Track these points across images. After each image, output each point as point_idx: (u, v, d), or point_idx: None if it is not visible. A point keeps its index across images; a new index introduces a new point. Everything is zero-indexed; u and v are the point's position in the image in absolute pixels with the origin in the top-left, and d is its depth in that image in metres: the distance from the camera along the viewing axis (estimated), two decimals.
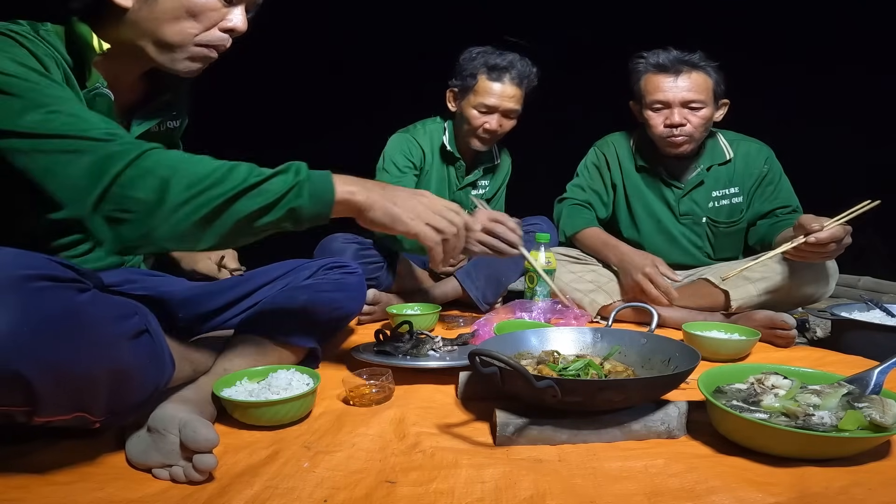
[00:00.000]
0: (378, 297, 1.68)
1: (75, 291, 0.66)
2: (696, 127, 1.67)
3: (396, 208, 0.88)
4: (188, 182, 0.76)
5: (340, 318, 1.22)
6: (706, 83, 1.66)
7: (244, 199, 0.78)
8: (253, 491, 0.71)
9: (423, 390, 1.09)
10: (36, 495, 0.70)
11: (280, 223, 0.82)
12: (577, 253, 1.86)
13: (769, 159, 1.77)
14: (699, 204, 1.78)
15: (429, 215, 0.91)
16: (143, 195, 0.75)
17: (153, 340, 0.77)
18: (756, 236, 1.74)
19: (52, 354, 0.62)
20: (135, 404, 0.76)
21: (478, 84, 1.74)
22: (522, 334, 1.13)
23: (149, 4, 0.89)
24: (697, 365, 0.90)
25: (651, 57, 1.69)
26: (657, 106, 1.69)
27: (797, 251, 1.40)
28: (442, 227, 0.91)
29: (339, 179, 0.86)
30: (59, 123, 0.76)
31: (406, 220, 0.88)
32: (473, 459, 0.79)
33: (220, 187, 0.77)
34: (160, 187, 0.75)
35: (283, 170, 0.82)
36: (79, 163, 0.74)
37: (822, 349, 1.45)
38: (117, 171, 0.74)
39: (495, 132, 1.79)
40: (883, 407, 0.80)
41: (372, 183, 0.89)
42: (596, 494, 0.71)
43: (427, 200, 0.92)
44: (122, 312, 0.73)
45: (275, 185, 0.80)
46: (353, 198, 0.86)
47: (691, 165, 1.79)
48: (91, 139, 0.76)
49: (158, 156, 0.78)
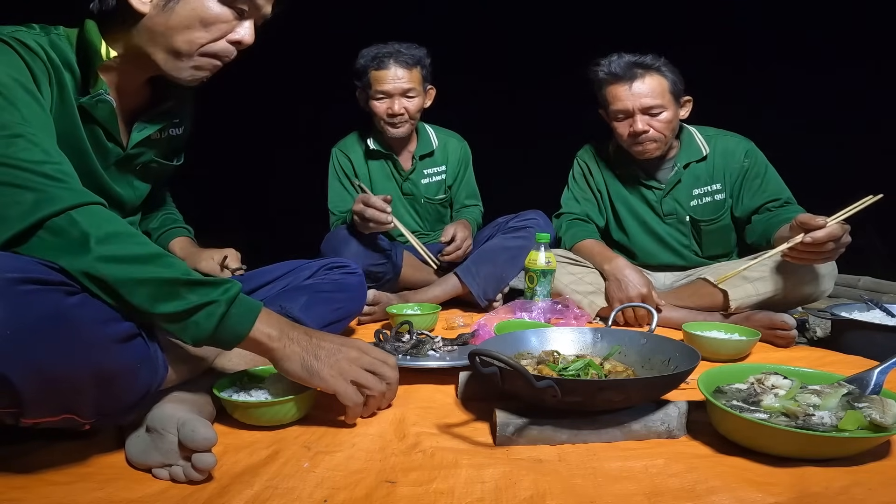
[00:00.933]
0: (378, 297, 1.68)
1: (63, 294, 0.66)
2: (659, 131, 1.68)
3: (317, 363, 0.85)
4: (108, 251, 0.71)
5: (340, 318, 1.22)
6: (661, 85, 1.66)
7: (153, 289, 0.73)
8: (253, 491, 0.71)
9: (423, 390, 1.09)
10: (36, 495, 0.70)
11: (173, 331, 0.77)
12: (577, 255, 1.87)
13: (749, 152, 1.76)
14: (681, 203, 1.79)
15: (354, 372, 0.87)
16: (61, 245, 0.70)
17: (146, 343, 0.77)
18: (754, 234, 1.72)
19: (38, 357, 0.62)
20: (126, 406, 0.76)
21: (369, 77, 1.88)
22: (522, 334, 1.13)
23: (165, 12, 0.90)
24: (697, 365, 0.90)
25: (605, 65, 1.71)
26: (619, 116, 1.71)
27: (794, 252, 1.39)
28: (367, 384, 0.88)
29: (264, 320, 0.82)
30: (17, 149, 0.73)
31: (326, 376, 0.85)
32: (473, 459, 0.79)
33: (136, 266, 0.73)
34: (77, 244, 0.70)
35: (214, 283, 0.78)
36: (21, 198, 0.71)
37: (822, 349, 1.45)
38: (50, 213, 0.71)
39: (401, 115, 1.89)
40: (883, 407, 0.80)
41: (301, 332, 0.86)
42: (596, 494, 0.71)
43: (355, 355, 0.89)
44: (113, 315, 0.73)
45: (193, 294, 0.75)
46: (266, 342, 0.82)
47: (668, 165, 1.81)
48: (42, 175, 0.73)
49: (98, 213, 0.74)
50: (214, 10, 0.91)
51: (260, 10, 0.98)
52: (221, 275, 1.34)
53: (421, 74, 1.91)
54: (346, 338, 0.92)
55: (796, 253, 1.39)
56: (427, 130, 2.10)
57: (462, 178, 2.13)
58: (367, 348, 0.91)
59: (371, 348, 0.92)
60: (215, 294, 0.77)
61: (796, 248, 1.37)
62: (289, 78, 3.25)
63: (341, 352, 0.87)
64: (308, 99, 3.35)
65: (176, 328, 0.76)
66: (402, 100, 1.88)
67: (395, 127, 1.91)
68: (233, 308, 0.78)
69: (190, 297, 0.75)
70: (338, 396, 0.86)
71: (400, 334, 1.25)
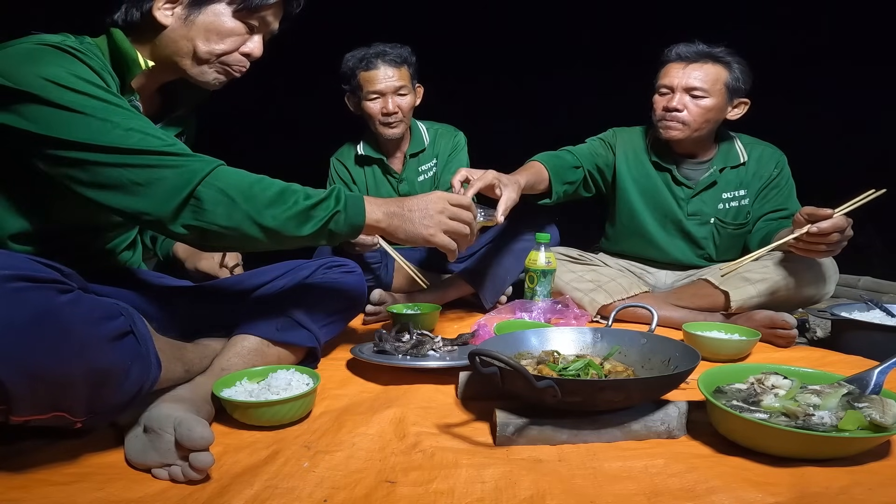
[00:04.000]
0: (384, 297, 1.68)
1: (55, 292, 0.66)
2: (693, 115, 1.65)
3: (415, 228, 1.02)
4: (253, 206, 0.88)
5: (340, 317, 1.22)
6: (719, 75, 1.64)
7: (294, 221, 0.91)
8: (253, 491, 0.71)
9: (423, 390, 1.09)
10: (36, 495, 0.70)
11: (317, 241, 0.96)
12: (578, 253, 1.86)
13: (780, 163, 1.75)
14: (708, 204, 1.77)
15: (445, 223, 1.04)
16: (214, 209, 0.86)
17: (138, 342, 0.77)
18: (754, 241, 1.72)
19: (27, 354, 0.62)
20: (118, 405, 0.76)
21: (359, 79, 1.88)
22: (522, 334, 1.13)
23: (186, 24, 0.99)
24: (697, 365, 0.90)
25: (675, 48, 1.71)
26: (663, 90, 1.70)
27: (800, 243, 1.37)
28: (456, 231, 1.05)
29: (369, 206, 0.99)
30: (137, 139, 0.84)
31: (426, 236, 1.03)
32: (473, 459, 0.79)
33: (276, 209, 0.90)
34: (228, 205, 0.87)
35: (327, 196, 0.95)
36: (163, 177, 0.84)
37: (822, 349, 1.45)
38: (194, 186, 0.85)
39: (395, 113, 1.89)
40: (883, 407, 0.80)
41: (394, 206, 1.03)
42: (596, 494, 0.71)
43: (441, 206, 1.05)
44: (106, 313, 0.73)
45: (319, 211, 0.93)
46: (378, 225, 1.01)
47: (704, 166, 1.78)
48: (169, 154, 0.85)
49: (226, 174, 0.89)
50: (228, 24, 1.01)
51: (269, 26, 1.06)
52: (220, 273, 1.35)
53: (409, 72, 1.91)
54: (427, 194, 1.06)
55: (802, 244, 1.38)
56: (419, 127, 2.08)
57: (451, 162, 2.06)
58: (446, 197, 1.06)
59: (447, 195, 1.07)
60: (334, 205, 0.95)
61: (802, 238, 1.37)
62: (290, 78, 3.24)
63: (429, 209, 1.04)
64: (309, 98, 3.35)
65: (318, 238, 0.95)
66: (396, 97, 1.89)
67: (390, 127, 1.91)
68: (348, 209, 0.96)
69: (319, 214, 0.93)
70: (439, 248, 1.05)
71: (400, 334, 1.25)
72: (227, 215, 0.87)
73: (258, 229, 0.89)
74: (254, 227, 0.88)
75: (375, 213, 1.00)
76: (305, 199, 0.92)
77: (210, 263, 1.38)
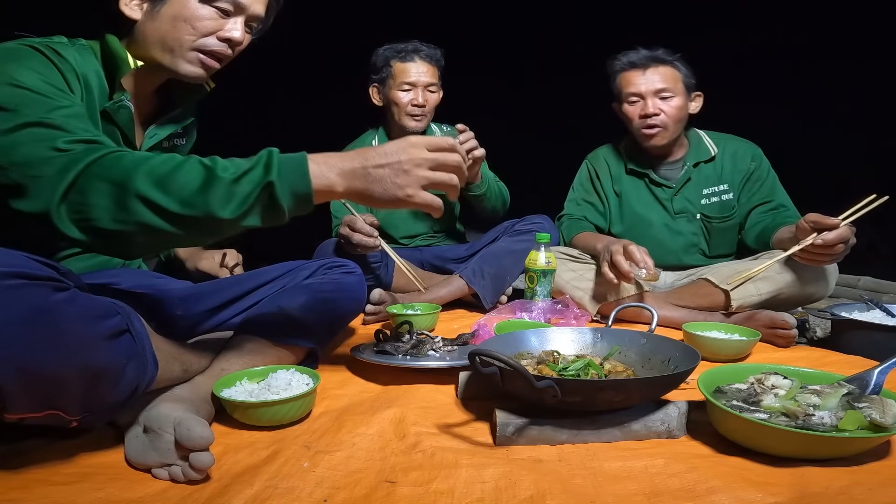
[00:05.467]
0: (384, 296, 1.68)
1: (51, 290, 0.65)
2: (669, 116, 1.73)
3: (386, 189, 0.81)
4: (148, 189, 0.74)
5: (340, 317, 1.22)
6: (675, 75, 1.75)
7: (210, 202, 0.75)
8: (253, 491, 0.71)
9: (423, 390, 1.09)
10: (36, 495, 0.70)
11: (251, 221, 0.78)
12: (578, 252, 1.86)
13: (756, 156, 1.81)
14: (691, 201, 1.83)
15: (425, 177, 0.82)
16: (96, 201, 0.75)
17: (134, 341, 0.77)
18: (750, 237, 1.76)
19: (22, 352, 0.62)
20: (114, 404, 0.76)
21: (394, 69, 1.92)
22: (522, 334, 1.13)
23: (152, 15, 0.99)
24: (697, 365, 0.90)
25: (622, 57, 1.79)
26: (632, 99, 1.76)
27: (805, 253, 1.40)
28: (440, 181, 0.84)
29: (317, 167, 0.79)
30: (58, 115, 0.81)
31: (402, 197, 0.81)
32: (473, 459, 0.79)
33: (182, 190, 0.74)
34: (112, 194, 0.74)
35: (252, 166, 0.77)
36: (46, 171, 0.76)
37: (822, 349, 1.45)
38: (74, 176, 0.75)
39: (423, 106, 1.94)
40: (883, 407, 0.80)
41: (355, 162, 0.80)
42: (596, 494, 0.71)
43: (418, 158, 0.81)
44: (103, 312, 0.72)
45: (244, 185, 0.76)
46: (333, 190, 0.80)
47: (677, 164, 1.85)
48: (61, 150, 0.77)
49: (117, 160, 0.77)
50: (197, 10, 0.98)
51: (245, 9, 1.03)
52: (220, 273, 1.35)
53: (439, 73, 1.97)
54: (399, 141, 0.83)
55: (807, 254, 1.41)
56: (432, 129, 2.11)
57: None
58: (425, 143, 0.83)
59: (425, 139, 0.84)
60: (262, 175, 0.76)
61: (807, 248, 1.39)
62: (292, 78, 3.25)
63: (402, 163, 0.81)
64: (311, 98, 3.35)
65: (250, 219, 0.77)
66: (426, 92, 1.94)
67: (415, 119, 1.94)
68: (285, 176, 0.77)
69: (243, 189, 0.75)
70: (421, 209, 0.84)
71: (400, 334, 1.25)
72: (114, 206, 0.74)
73: (160, 218, 0.74)
74: (153, 216, 0.74)
75: (328, 176, 0.79)
76: (223, 172, 0.76)
77: (210, 263, 1.38)
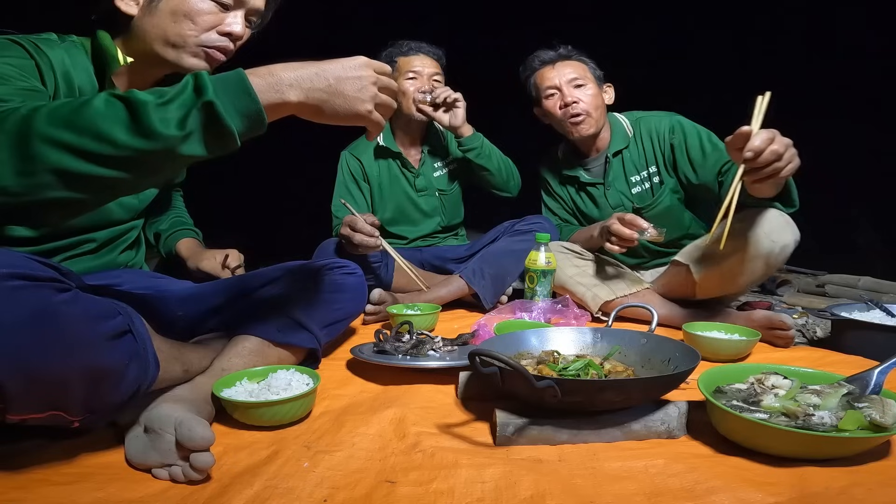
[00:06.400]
0: (384, 296, 1.69)
1: (53, 291, 0.65)
2: (588, 104, 1.77)
3: (348, 103, 0.78)
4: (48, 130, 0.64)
5: (340, 318, 1.22)
6: (583, 67, 1.83)
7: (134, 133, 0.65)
8: (253, 491, 0.71)
9: (423, 390, 1.09)
10: (36, 495, 0.70)
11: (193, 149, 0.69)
12: (581, 248, 1.86)
13: (674, 126, 1.73)
14: (623, 193, 1.83)
15: (377, 96, 0.81)
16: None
17: (135, 341, 0.77)
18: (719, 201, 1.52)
19: (24, 353, 0.62)
20: (115, 404, 0.76)
21: (399, 64, 1.99)
22: (522, 334, 1.13)
23: (149, 10, 0.98)
24: (697, 365, 0.91)
25: (533, 60, 1.87)
26: (549, 93, 1.82)
27: (750, 175, 1.22)
28: (386, 104, 0.83)
29: (261, 82, 0.72)
30: None
31: (363, 112, 0.79)
32: (473, 459, 0.79)
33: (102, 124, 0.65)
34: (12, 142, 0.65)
35: (180, 90, 0.68)
36: None
37: (822, 349, 1.45)
38: None
39: (430, 91, 1.96)
40: (883, 407, 0.80)
41: (310, 72, 0.76)
42: (596, 494, 0.71)
43: (372, 76, 0.80)
44: (104, 313, 0.72)
45: (172, 111, 0.66)
46: (287, 101, 0.74)
47: (601, 158, 1.87)
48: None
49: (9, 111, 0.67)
50: (195, 4, 0.97)
51: (245, 3, 1.02)
52: (221, 273, 1.35)
53: (441, 69, 2.02)
54: (347, 59, 0.80)
55: (754, 175, 1.22)
56: (436, 126, 2.11)
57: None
58: (373, 65, 0.81)
59: (371, 61, 0.82)
60: (192, 98, 0.67)
61: (747, 169, 1.21)
62: None
63: (363, 79, 0.79)
64: None
65: (191, 146, 0.68)
66: (431, 81, 1.97)
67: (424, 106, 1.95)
68: (223, 95, 0.69)
69: (172, 114, 0.66)
70: (369, 126, 0.83)
71: (400, 334, 1.25)
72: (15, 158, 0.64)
73: (75, 158, 0.64)
74: (66, 157, 0.64)
75: (277, 88, 0.73)
76: (145, 97, 0.66)
77: (212, 264, 1.38)
